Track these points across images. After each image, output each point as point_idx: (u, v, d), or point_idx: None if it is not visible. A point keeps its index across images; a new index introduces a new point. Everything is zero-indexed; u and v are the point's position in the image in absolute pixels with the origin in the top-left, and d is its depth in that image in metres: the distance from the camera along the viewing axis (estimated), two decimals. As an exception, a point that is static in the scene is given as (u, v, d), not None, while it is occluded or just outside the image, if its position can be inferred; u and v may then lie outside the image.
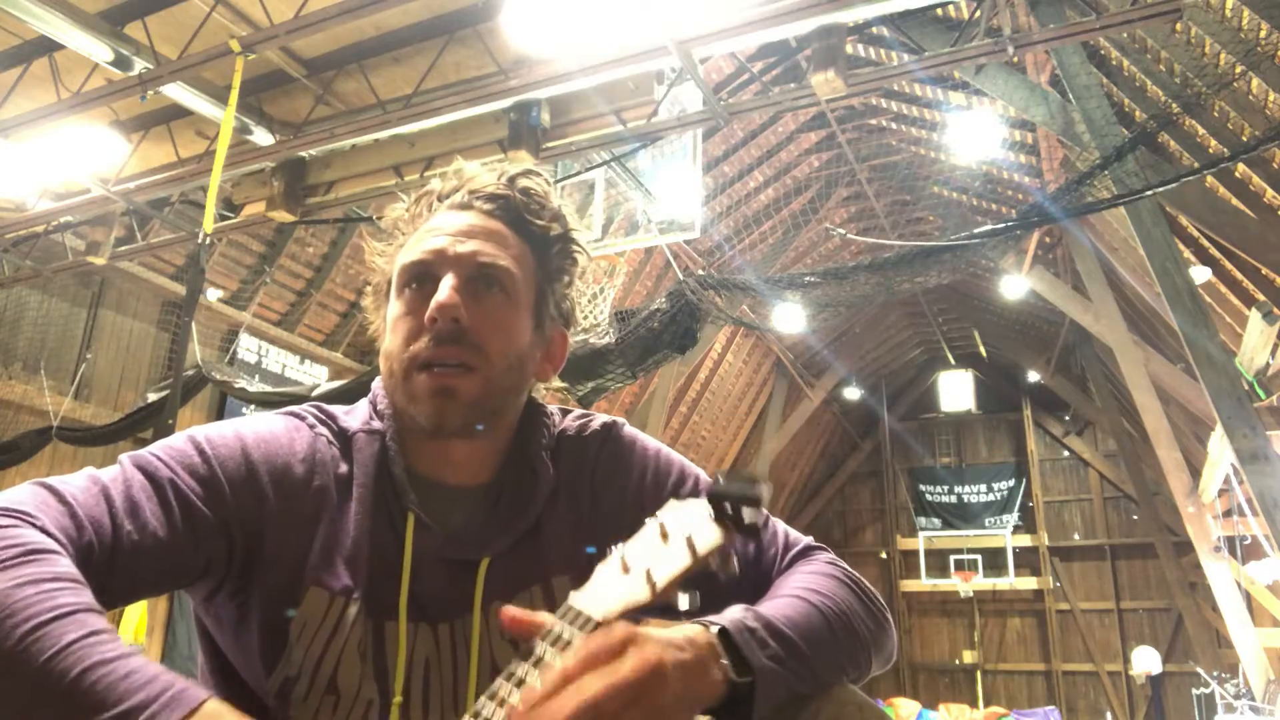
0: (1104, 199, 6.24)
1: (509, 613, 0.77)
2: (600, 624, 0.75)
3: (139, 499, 0.87)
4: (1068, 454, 21.73)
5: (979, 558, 20.96)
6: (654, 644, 0.73)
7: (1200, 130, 8.31)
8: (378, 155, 6.57)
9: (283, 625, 0.93)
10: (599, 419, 1.11)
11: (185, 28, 5.94)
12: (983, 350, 21.39)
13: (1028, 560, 21.02)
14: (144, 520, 0.86)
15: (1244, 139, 7.50)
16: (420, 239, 1.02)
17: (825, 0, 4.93)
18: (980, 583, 20.77)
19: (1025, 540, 21.09)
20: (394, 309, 1.01)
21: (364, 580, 0.95)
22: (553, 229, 1.06)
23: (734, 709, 0.80)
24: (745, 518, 0.80)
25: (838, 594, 0.95)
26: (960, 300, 18.30)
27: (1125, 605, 20.19)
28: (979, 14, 5.19)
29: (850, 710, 0.86)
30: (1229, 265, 9.62)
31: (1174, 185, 6.45)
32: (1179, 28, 7.31)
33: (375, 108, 6.32)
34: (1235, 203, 8.34)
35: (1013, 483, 21.83)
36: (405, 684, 0.94)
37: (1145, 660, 16.01)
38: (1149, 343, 12.43)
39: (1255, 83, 7.20)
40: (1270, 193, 8.03)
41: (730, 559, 0.81)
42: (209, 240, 5.50)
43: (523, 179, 1.06)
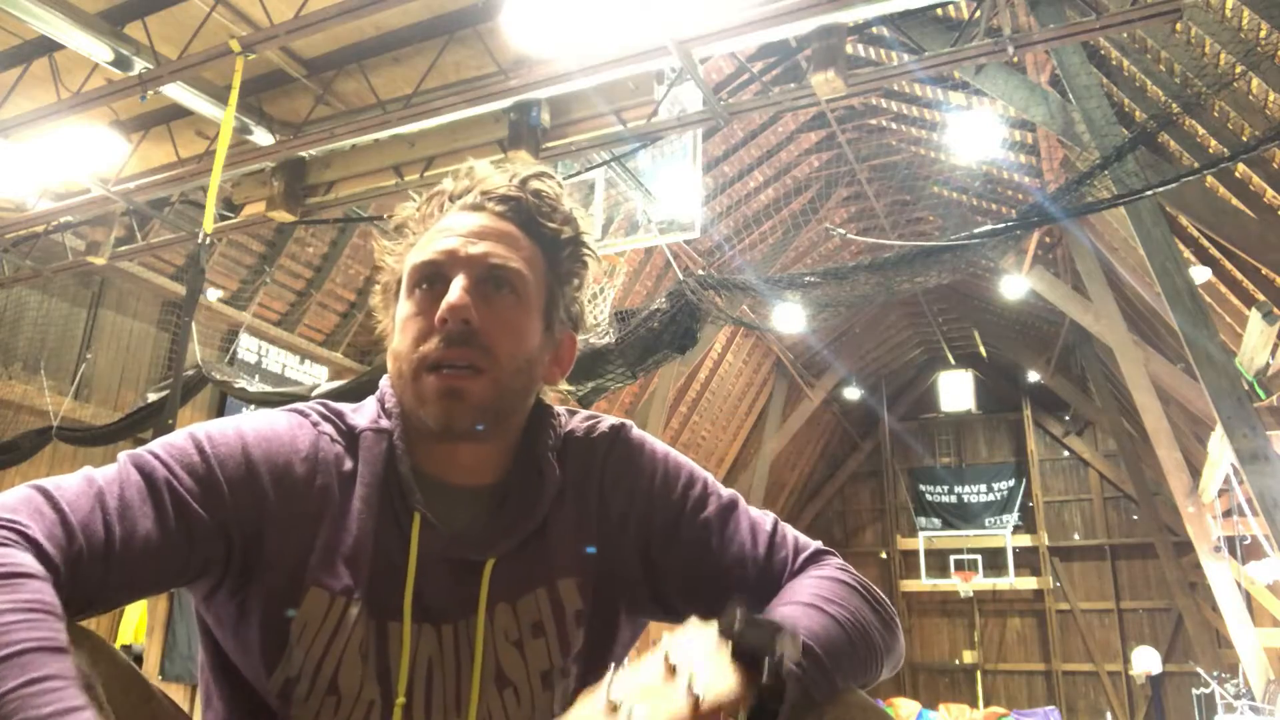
0: (1104, 199, 6.24)
1: None
2: None
3: (134, 501, 0.86)
4: (1068, 454, 21.73)
5: (979, 558, 20.96)
6: None
7: (1200, 130, 8.31)
8: (378, 155, 6.57)
9: (283, 625, 0.92)
10: (607, 421, 1.10)
11: (185, 28, 5.94)
12: (983, 350, 21.39)
13: (1028, 560, 21.02)
14: (138, 524, 0.85)
15: (1244, 139, 7.50)
16: (431, 239, 1.02)
17: (825, 0, 4.93)
18: (980, 583, 20.77)
19: (1025, 540, 21.09)
20: (404, 309, 1.01)
21: (366, 580, 0.94)
22: (564, 232, 1.05)
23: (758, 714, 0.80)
24: (765, 673, 0.73)
25: (853, 602, 0.94)
26: (960, 300, 18.30)
27: (1125, 605, 20.19)
28: (979, 14, 5.19)
29: (855, 712, 0.86)
30: (1229, 265, 9.62)
31: (1174, 185, 6.45)
32: (1179, 28, 7.31)
33: (375, 108, 6.32)
34: (1235, 203, 8.34)
35: (1013, 483, 21.83)
36: (408, 685, 0.94)
37: (1145, 660, 16.01)
38: (1149, 343, 12.43)
39: (1255, 83, 7.20)
40: (1270, 193, 8.03)
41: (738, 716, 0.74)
42: (209, 240, 5.50)
43: (534, 181, 1.05)
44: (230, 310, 10.23)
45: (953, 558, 21.20)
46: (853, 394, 20.70)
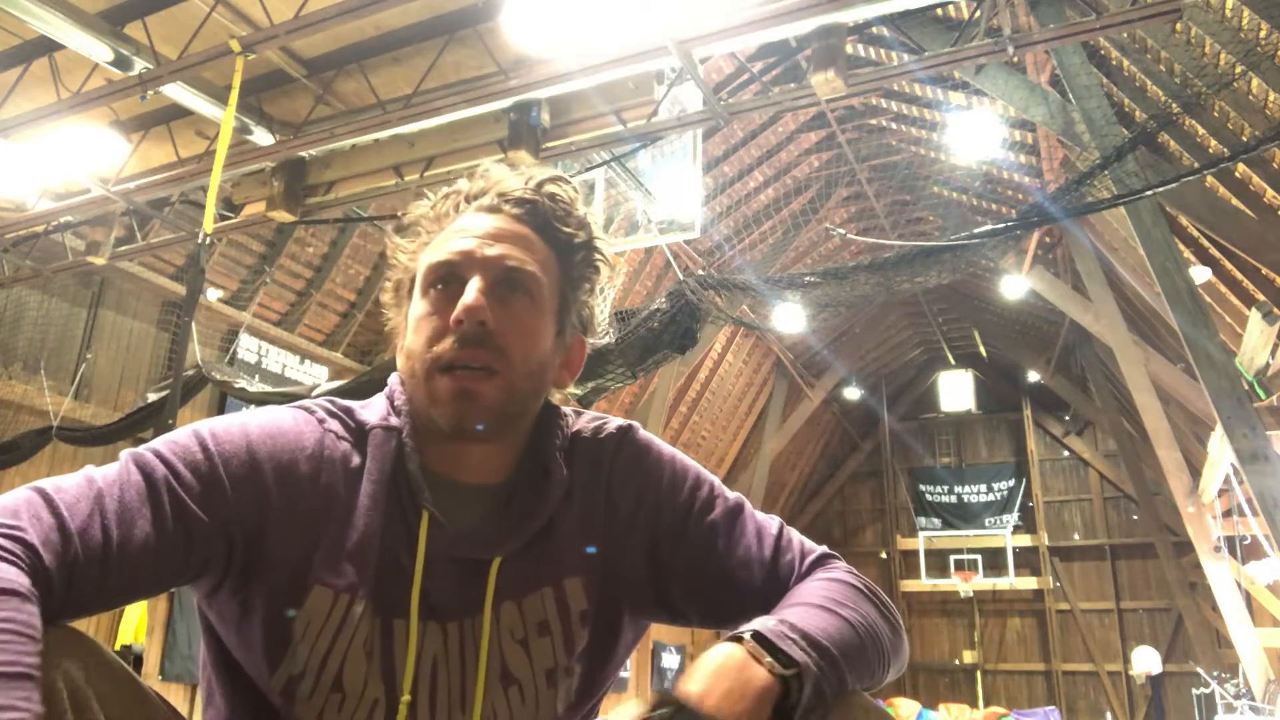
0: (1104, 199, 6.23)
1: None
2: None
3: (133, 503, 0.86)
4: (1068, 454, 21.73)
5: (979, 558, 20.97)
6: None
7: (1200, 130, 8.31)
8: (378, 155, 6.57)
9: (287, 623, 0.92)
10: (614, 422, 1.11)
11: (185, 28, 5.94)
12: (983, 350, 21.39)
13: (1028, 560, 21.02)
14: (136, 526, 0.85)
15: (1244, 139, 7.50)
16: (447, 239, 1.02)
17: (825, 0, 4.93)
18: (980, 583, 20.78)
19: (1025, 540, 21.09)
20: (418, 307, 1.01)
21: (371, 578, 0.94)
22: (578, 236, 1.06)
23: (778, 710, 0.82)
24: None
25: (863, 606, 0.95)
26: (960, 300, 18.30)
27: (1125, 605, 20.19)
28: (979, 14, 5.19)
29: (857, 713, 0.87)
30: (1229, 265, 9.63)
31: (1174, 185, 6.45)
32: (1179, 28, 7.31)
33: (375, 108, 6.31)
34: (1235, 203, 8.35)
35: (1013, 483, 21.83)
36: (412, 683, 0.94)
37: (1145, 660, 16.02)
38: (1149, 343, 12.44)
39: (1255, 83, 7.20)
40: (1270, 193, 8.03)
41: None
42: (209, 240, 5.50)
43: (550, 184, 1.06)
44: (230, 310, 10.23)
45: (953, 558, 21.20)
46: (853, 394, 20.71)
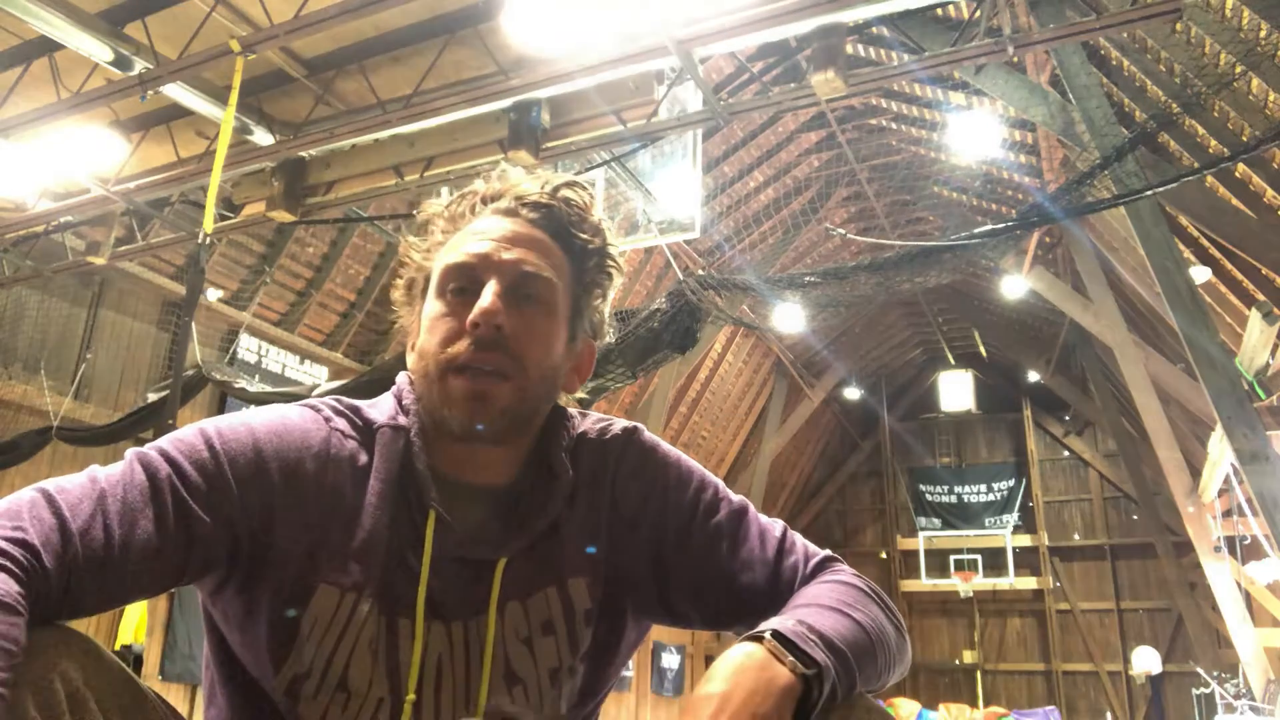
0: (1104, 199, 6.24)
1: None
2: None
3: (135, 504, 0.86)
4: (1068, 454, 21.73)
5: (979, 558, 20.97)
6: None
7: (1200, 130, 8.31)
8: (378, 155, 6.57)
9: (292, 622, 0.92)
10: (619, 424, 1.11)
11: (185, 28, 5.94)
12: (983, 350, 21.39)
13: (1028, 560, 21.02)
14: (138, 526, 0.85)
15: (1244, 139, 7.51)
16: (464, 241, 1.02)
17: (825, 0, 4.93)
18: (980, 583, 20.77)
19: (1025, 540, 21.10)
20: (432, 308, 1.01)
21: (377, 576, 0.94)
22: (593, 242, 1.06)
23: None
24: None
25: (871, 609, 0.96)
26: (960, 300, 18.30)
27: (1125, 605, 20.19)
28: (979, 14, 5.19)
29: (859, 714, 0.87)
30: (1229, 265, 9.63)
31: (1174, 185, 6.46)
32: (1179, 28, 7.31)
33: (375, 108, 6.31)
34: (1235, 203, 8.35)
35: (1013, 483, 21.83)
36: (418, 682, 0.94)
37: (1145, 660, 16.02)
38: (1149, 343, 12.44)
39: (1255, 83, 7.20)
40: (1270, 193, 8.03)
41: None
42: (209, 240, 5.50)
43: (566, 189, 1.06)
44: (230, 310, 10.23)
45: (953, 558, 21.20)
46: (853, 394, 20.71)
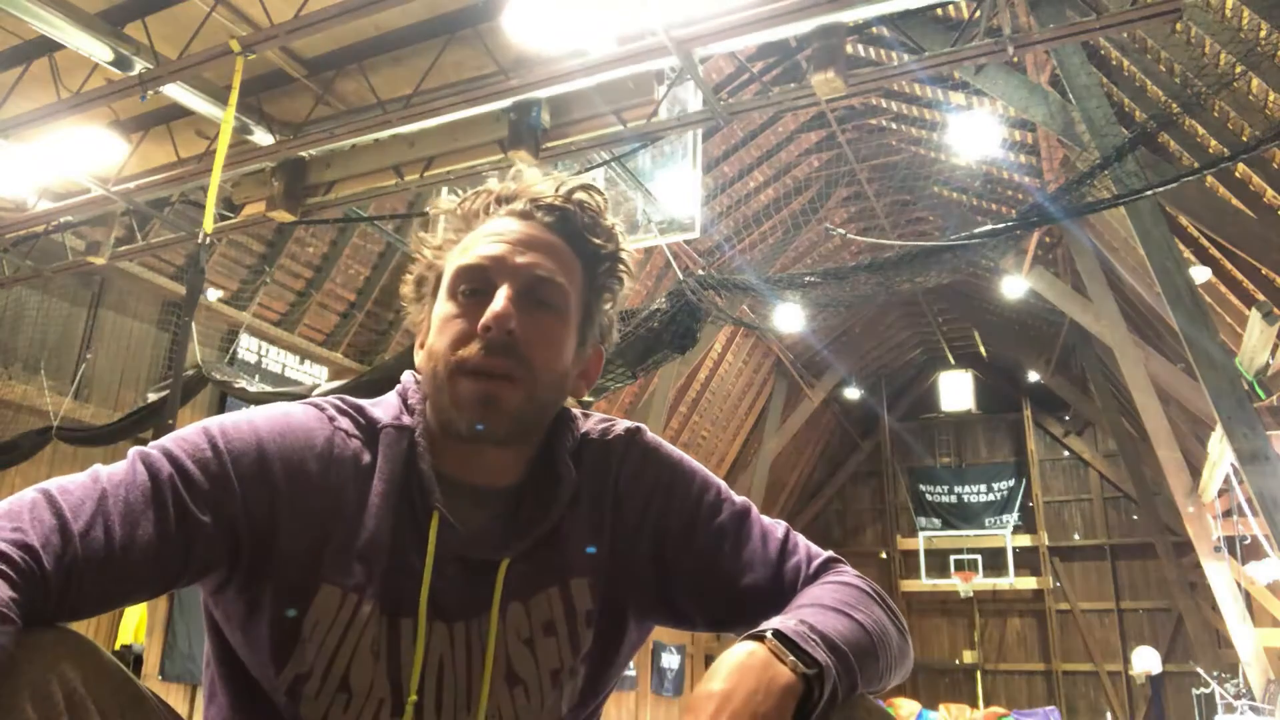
0: (1104, 199, 6.24)
1: None
2: None
3: (137, 505, 0.86)
4: (1068, 454, 21.74)
5: (979, 558, 20.97)
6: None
7: (1200, 130, 8.31)
8: (378, 155, 6.57)
9: (294, 622, 0.92)
10: (622, 424, 1.11)
11: (185, 28, 5.94)
12: (983, 350, 21.39)
13: (1028, 560, 21.02)
14: (139, 527, 0.85)
15: (1244, 139, 7.51)
16: (477, 242, 1.01)
17: (825, 0, 4.93)
18: (980, 583, 20.78)
19: (1025, 540, 21.10)
20: (444, 308, 1.01)
21: (380, 577, 0.94)
22: (606, 247, 1.06)
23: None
24: None
25: (874, 610, 0.96)
26: (960, 300, 18.30)
27: (1125, 605, 20.19)
28: (979, 14, 5.19)
29: (860, 714, 0.87)
30: (1229, 265, 9.63)
31: (1174, 185, 6.46)
32: (1179, 28, 7.31)
33: (375, 108, 6.31)
34: (1235, 203, 8.35)
35: (1013, 483, 21.84)
36: (419, 683, 0.94)
37: (1145, 660, 16.00)
38: (1149, 343, 12.44)
39: (1255, 83, 7.20)
40: (1270, 193, 8.03)
41: None
42: (209, 240, 5.50)
43: (581, 193, 1.05)
44: (230, 310, 10.23)
45: (953, 558, 21.20)
46: (853, 394, 20.71)
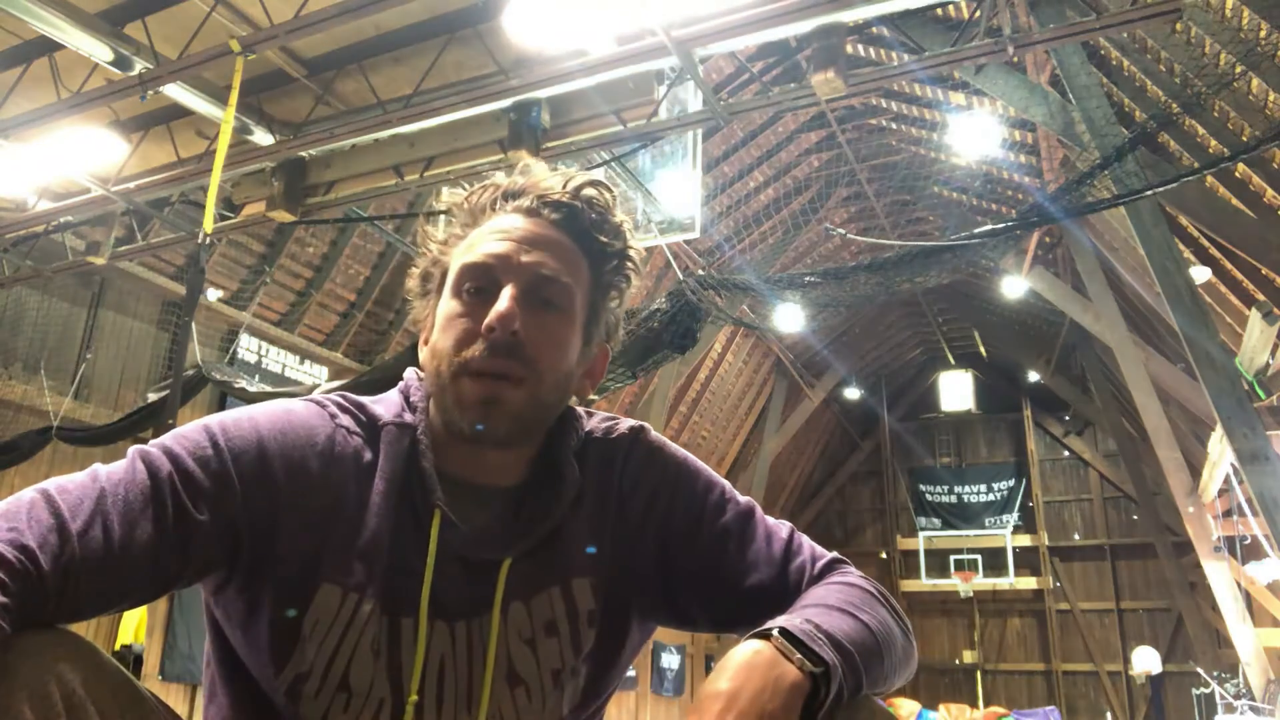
0: (1104, 199, 6.24)
1: None
2: None
3: (136, 505, 0.85)
4: (1068, 454, 21.74)
5: (979, 558, 20.97)
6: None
7: (1200, 130, 8.31)
8: (378, 155, 6.57)
9: (294, 622, 0.91)
10: (625, 423, 1.10)
11: (185, 28, 5.94)
12: (983, 350, 21.40)
13: (1028, 560, 21.02)
14: (139, 528, 0.84)
15: (1244, 139, 7.51)
16: (482, 239, 1.00)
17: (825, 0, 4.93)
18: (980, 583, 20.78)
19: (1025, 540, 21.10)
20: (448, 306, 1.00)
21: (381, 576, 0.93)
22: (613, 245, 1.05)
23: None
24: None
25: (879, 612, 0.95)
26: (960, 300, 18.31)
27: (1125, 605, 20.20)
28: (979, 14, 5.19)
29: (864, 715, 0.87)
30: (1229, 265, 9.63)
31: (1174, 185, 6.46)
32: (1179, 28, 7.31)
33: (375, 108, 6.31)
34: (1235, 203, 8.35)
35: (1013, 483, 21.84)
36: (420, 682, 0.93)
37: (1145, 660, 16.02)
38: (1149, 343, 12.44)
39: (1255, 83, 7.20)
40: (1270, 193, 8.03)
41: None
42: (209, 240, 5.50)
43: (589, 188, 1.04)
44: (230, 310, 10.23)
45: (953, 558, 21.21)
46: (853, 394, 20.71)
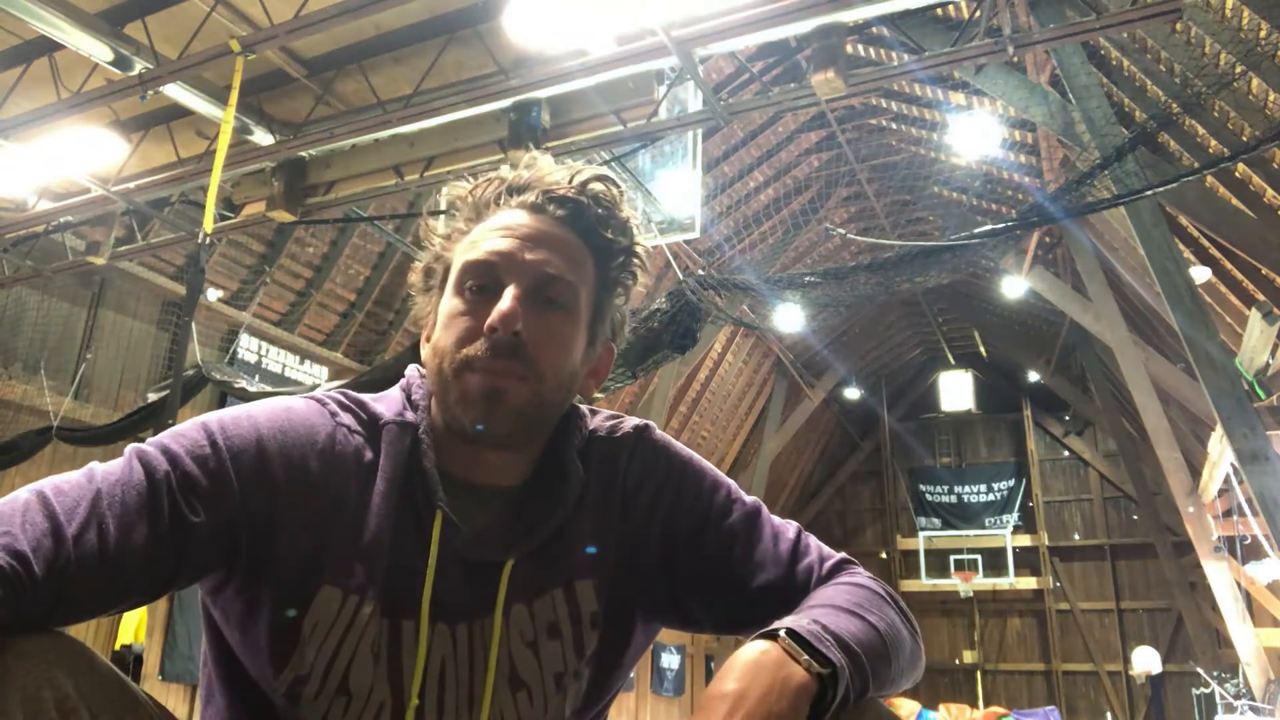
0: (1104, 199, 6.25)
1: None
2: None
3: (132, 504, 0.84)
4: (1068, 454, 21.74)
5: (979, 558, 20.97)
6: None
7: (1200, 130, 8.31)
8: (378, 155, 6.57)
9: (294, 623, 0.90)
10: (630, 422, 1.09)
11: (185, 28, 5.94)
12: (983, 350, 21.40)
13: (1028, 560, 21.02)
14: (135, 529, 0.83)
15: (1244, 139, 7.51)
16: (486, 236, 0.98)
17: (825, 0, 4.93)
18: (980, 583, 20.78)
19: (1025, 540, 21.10)
20: (451, 304, 0.98)
21: (381, 578, 0.92)
22: (619, 242, 1.03)
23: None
24: None
25: (888, 613, 0.94)
26: (960, 300, 18.30)
27: (1125, 605, 20.20)
28: (979, 14, 5.19)
29: (869, 717, 0.86)
30: (1229, 265, 9.63)
31: (1174, 185, 6.46)
32: (1179, 28, 7.32)
33: (375, 108, 6.31)
34: (1235, 203, 8.35)
35: (1013, 483, 21.84)
36: (420, 686, 0.92)
37: (1145, 660, 16.00)
38: (1149, 343, 12.44)
39: (1255, 83, 7.20)
40: (1270, 193, 8.03)
41: None
42: (209, 240, 5.50)
43: (595, 184, 1.02)
44: (230, 310, 10.23)
45: (953, 558, 21.21)
46: (853, 394, 20.71)
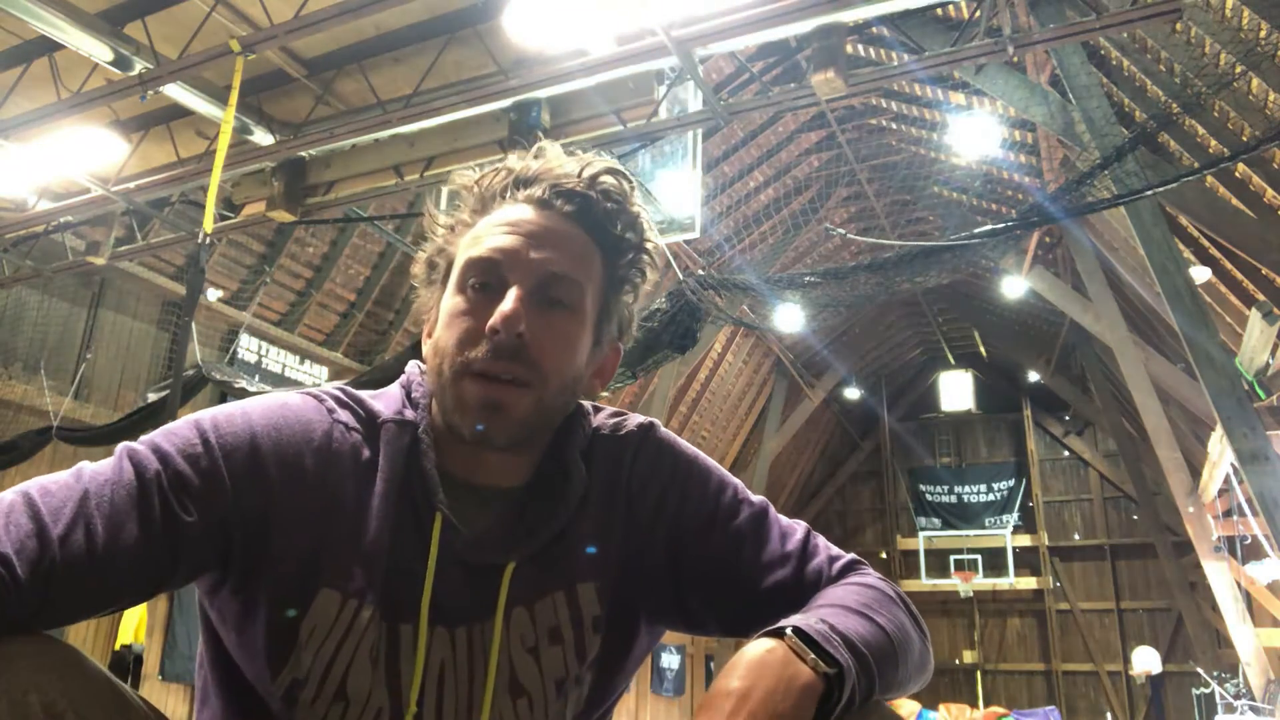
0: (1104, 199, 6.25)
1: None
2: None
3: (122, 504, 0.82)
4: (1068, 454, 21.74)
5: (979, 558, 20.97)
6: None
7: (1200, 130, 8.31)
8: (378, 155, 6.57)
9: (291, 626, 0.88)
10: (635, 419, 1.06)
11: (185, 28, 5.94)
12: (983, 350, 21.40)
13: (1028, 560, 21.02)
14: (124, 530, 0.81)
15: (1244, 139, 7.51)
16: (490, 231, 0.95)
17: (825, 0, 4.93)
18: (980, 583, 20.78)
19: (1025, 540, 21.10)
20: (453, 301, 0.95)
21: (380, 581, 0.90)
22: (628, 238, 1.00)
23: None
24: None
25: (897, 615, 0.91)
26: (960, 300, 18.30)
27: (1125, 605, 20.19)
28: (979, 14, 5.19)
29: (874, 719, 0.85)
30: (1229, 265, 9.63)
31: (1174, 185, 6.46)
32: (1179, 28, 7.31)
33: (375, 108, 6.31)
34: (1235, 203, 8.35)
35: (1013, 483, 21.84)
36: (419, 692, 0.90)
37: (1145, 660, 16.00)
38: (1149, 343, 12.43)
39: (1255, 83, 7.20)
40: (1270, 193, 8.03)
41: None
42: (209, 240, 5.51)
43: (605, 177, 1.00)
44: (230, 310, 10.23)
45: (953, 558, 21.20)
46: (853, 394, 20.70)
